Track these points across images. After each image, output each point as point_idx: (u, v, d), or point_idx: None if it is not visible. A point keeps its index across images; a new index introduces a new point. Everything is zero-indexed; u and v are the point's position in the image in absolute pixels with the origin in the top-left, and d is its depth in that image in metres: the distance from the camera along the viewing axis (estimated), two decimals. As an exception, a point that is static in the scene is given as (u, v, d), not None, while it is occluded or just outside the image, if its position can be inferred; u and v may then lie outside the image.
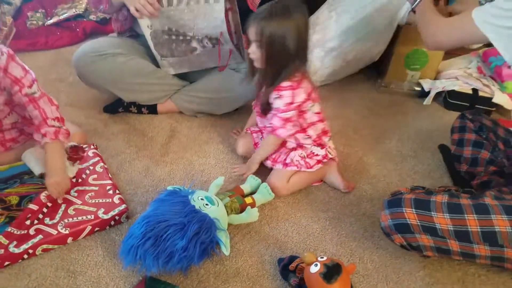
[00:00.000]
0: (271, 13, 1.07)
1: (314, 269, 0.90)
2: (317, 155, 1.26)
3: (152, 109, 1.57)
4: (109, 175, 1.22)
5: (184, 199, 1.01)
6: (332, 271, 0.89)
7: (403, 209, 0.93)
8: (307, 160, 1.24)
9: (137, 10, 1.31)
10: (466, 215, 0.89)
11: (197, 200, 1.01)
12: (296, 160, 1.23)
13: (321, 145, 1.27)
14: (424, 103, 1.75)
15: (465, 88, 1.72)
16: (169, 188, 1.06)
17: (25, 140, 1.24)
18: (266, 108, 1.21)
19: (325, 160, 1.26)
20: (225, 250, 0.98)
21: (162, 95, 1.55)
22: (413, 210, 0.92)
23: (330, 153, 1.28)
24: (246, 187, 1.23)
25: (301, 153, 1.25)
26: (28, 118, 1.20)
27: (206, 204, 1.01)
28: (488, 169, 1.21)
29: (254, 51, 1.12)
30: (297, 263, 0.98)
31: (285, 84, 1.13)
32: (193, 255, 0.93)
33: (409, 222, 0.93)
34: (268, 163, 1.28)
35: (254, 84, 1.27)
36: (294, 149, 1.27)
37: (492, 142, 1.23)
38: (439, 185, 1.30)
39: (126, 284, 0.96)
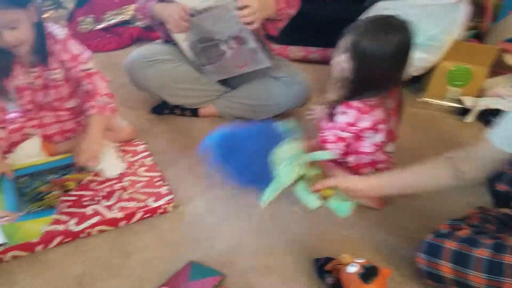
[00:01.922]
0: (370, 27, 1.08)
1: (351, 269, 0.96)
2: None
3: (194, 112, 1.73)
4: (158, 168, 1.37)
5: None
6: (369, 272, 0.94)
7: (441, 261, 0.95)
8: None
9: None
10: (505, 278, 0.88)
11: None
12: None
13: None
14: (466, 120, 1.79)
15: (509, 107, 1.77)
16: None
17: (82, 131, 1.41)
18: (330, 115, 1.24)
19: None
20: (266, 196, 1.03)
21: (205, 100, 1.70)
22: (451, 264, 0.94)
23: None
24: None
25: None
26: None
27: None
28: None
29: (341, 61, 1.14)
30: (333, 264, 1.05)
31: (355, 104, 1.15)
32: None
33: (443, 275, 0.95)
34: None
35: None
36: None
37: None
38: (478, 203, 1.31)
39: (172, 267, 1.08)
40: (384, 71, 1.11)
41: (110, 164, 1.33)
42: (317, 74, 1.95)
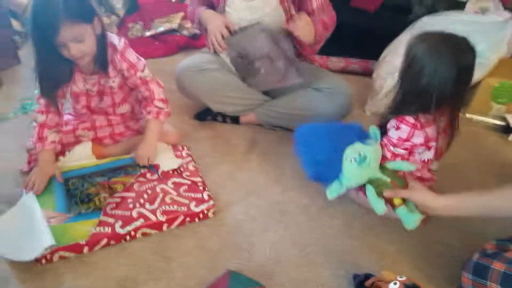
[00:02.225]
0: (430, 37, 1.07)
1: (393, 287, 0.95)
2: None
3: (235, 120, 1.75)
4: (199, 173, 1.40)
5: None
6: None
7: (488, 282, 0.92)
8: None
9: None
10: None
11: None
12: None
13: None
14: (510, 138, 1.75)
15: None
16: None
17: (131, 135, 1.47)
18: (380, 127, 1.22)
19: None
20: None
21: (246, 108, 1.72)
22: (499, 286, 0.91)
23: None
24: None
25: None
26: (135, 112, 1.47)
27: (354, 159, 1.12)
28: None
29: (401, 73, 1.14)
30: (373, 281, 1.03)
31: (410, 119, 1.13)
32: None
33: None
34: None
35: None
36: None
37: None
38: None
39: (212, 274, 1.10)
40: (442, 89, 1.07)
41: (167, 158, 1.42)
42: (357, 86, 1.94)
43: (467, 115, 1.88)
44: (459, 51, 1.06)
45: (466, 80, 1.12)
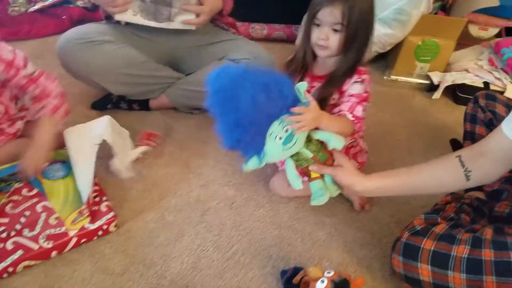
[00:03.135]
0: None
1: (320, 285, 0.84)
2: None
3: (144, 105, 1.48)
4: (96, 179, 1.13)
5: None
6: (340, 286, 0.83)
7: (419, 264, 0.86)
8: None
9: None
10: (485, 276, 0.81)
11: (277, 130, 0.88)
12: None
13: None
14: (433, 97, 1.69)
15: (476, 81, 1.65)
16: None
17: (5, 141, 1.15)
18: (323, 106, 1.02)
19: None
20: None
21: (155, 89, 1.45)
22: (429, 267, 0.85)
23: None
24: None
25: None
26: (10, 113, 1.14)
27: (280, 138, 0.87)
28: None
29: (330, 38, 0.96)
30: (302, 275, 0.91)
31: (363, 68, 1.01)
32: None
33: (422, 279, 0.86)
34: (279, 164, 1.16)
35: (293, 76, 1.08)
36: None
37: None
38: None
39: (117, 303, 0.88)
40: (368, 35, 0.98)
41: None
42: (281, 54, 1.71)
43: (392, 77, 1.78)
44: None
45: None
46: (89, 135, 1.14)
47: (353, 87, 1.01)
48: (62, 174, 1.12)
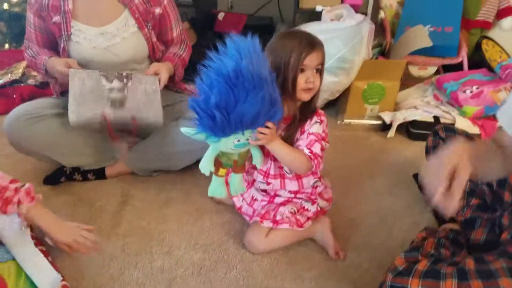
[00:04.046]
0: (315, 37, 0.99)
1: None
2: (307, 210, 1.10)
3: (100, 174, 1.37)
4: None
5: None
6: None
7: None
8: (298, 216, 1.08)
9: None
10: None
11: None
12: (286, 217, 1.06)
13: (312, 200, 1.13)
14: (388, 136, 1.69)
15: (426, 116, 1.68)
16: None
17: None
18: (290, 143, 1.03)
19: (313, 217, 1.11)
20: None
21: (110, 156, 1.36)
22: None
23: (319, 205, 1.13)
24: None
25: (291, 209, 1.08)
26: None
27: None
28: (470, 203, 1.09)
29: (315, 80, 0.99)
30: None
31: (320, 110, 1.06)
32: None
33: None
34: (256, 219, 1.08)
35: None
36: (282, 204, 1.11)
37: None
38: (421, 224, 1.19)
39: None
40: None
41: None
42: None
43: (346, 121, 1.79)
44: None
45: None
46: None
47: (313, 127, 1.02)
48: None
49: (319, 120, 1.03)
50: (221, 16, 2.14)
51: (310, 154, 0.99)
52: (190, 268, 1.05)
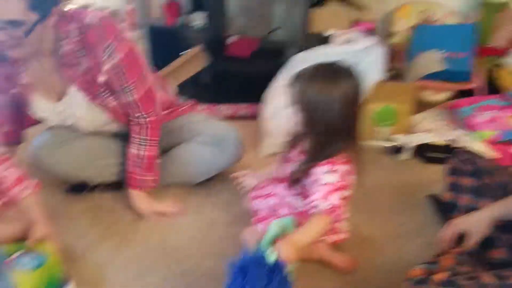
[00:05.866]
0: (316, 74, 0.95)
1: None
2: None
3: (118, 185, 1.42)
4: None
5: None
6: None
7: None
8: None
9: None
10: None
11: None
12: None
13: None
14: (402, 158, 1.69)
15: (440, 140, 1.69)
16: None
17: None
18: (296, 181, 1.03)
19: None
20: None
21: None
22: None
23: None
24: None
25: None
26: None
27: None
28: None
29: (294, 113, 0.97)
30: None
31: (340, 158, 0.98)
32: None
33: None
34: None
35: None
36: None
37: (490, 189, 1.08)
38: (433, 244, 1.17)
39: None
40: (336, 120, 0.95)
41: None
42: (248, 129, 1.74)
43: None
44: (339, 75, 0.96)
45: (355, 103, 1.00)
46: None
47: (324, 177, 0.96)
48: (33, 265, 1.00)
49: (330, 169, 0.96)
50: (232, 40, 2.21)
51: (328, 207, 0.93)
52: (206, 275, 1.08)
